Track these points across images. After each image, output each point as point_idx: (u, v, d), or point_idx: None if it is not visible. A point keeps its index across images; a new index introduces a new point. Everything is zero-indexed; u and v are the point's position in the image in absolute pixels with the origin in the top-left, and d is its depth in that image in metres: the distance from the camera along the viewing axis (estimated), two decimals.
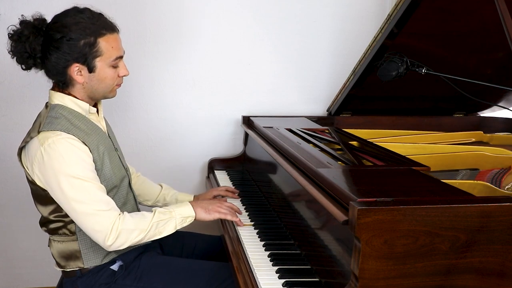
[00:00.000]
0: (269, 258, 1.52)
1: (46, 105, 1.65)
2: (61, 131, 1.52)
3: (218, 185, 2.30)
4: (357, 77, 2.28)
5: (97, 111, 1.70)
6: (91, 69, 1.57)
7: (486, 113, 2.66)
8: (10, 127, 2.51)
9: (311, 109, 2.77)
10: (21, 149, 1.61)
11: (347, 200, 1.15)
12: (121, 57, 1.62)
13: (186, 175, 2.71)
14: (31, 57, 1.54)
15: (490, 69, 2.36)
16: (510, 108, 2.37)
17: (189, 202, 1.71)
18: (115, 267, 1.67)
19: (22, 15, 1.56)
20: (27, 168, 1.58)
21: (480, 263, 1.14)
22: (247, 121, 2.57)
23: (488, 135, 2.32)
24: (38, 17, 1.56)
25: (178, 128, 2.68)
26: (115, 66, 1.61)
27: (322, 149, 1.76)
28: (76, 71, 1.56)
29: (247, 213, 1.88)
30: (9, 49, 1.56)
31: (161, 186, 2.07)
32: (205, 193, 2.15)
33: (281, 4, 2.64)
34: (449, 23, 2.06)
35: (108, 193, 1.60)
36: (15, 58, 1.57)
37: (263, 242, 1.63)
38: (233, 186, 2.28)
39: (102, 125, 1.71)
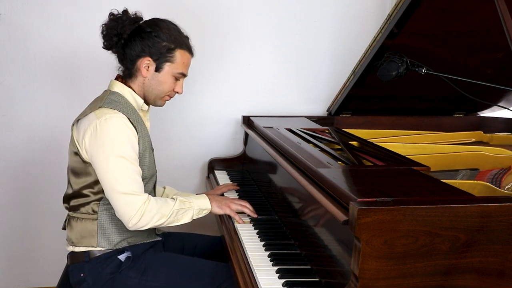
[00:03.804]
0: (269, 258, 1.52)
1: (105, 91, 1.78)
2: (118, 111, 1.66)
3: (218, 185, 2.30)
4: (357, 77, 2.28)
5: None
6: (158, 69, 1.74)
7: (486, 113, 2.66)
8: (10, 127, 2.51)
9: (311, 109, 2.77)
10: (76, 121, 1.72)
11: (347, 200, 1.15)
12: (184, 75, 1.81)
13: (186, 175, 2.71)
14: (117, 36, 1.71)
15: (490, 69, 2.36)
16: (510, 108, 2.37)
17: (207, 195, 1.81)
18: (122, 257, 1.71)
19: (125, 6, 1.75)
20: (77, 139, 1.68)
21: (480, 263, 1.14)
22: (247, 121, 2.57)
23: (488, 135, 2.32)
24: (137, 13, 1.75)
25: (178, 128, 2.68)
26: (176, 79, 1.79)
27: (322, 149, 1.76)
28: (146, 64, 1.73)
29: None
30: (103, 26, 1.72)
31: (164, 188, 2.12)
32: (208, 192, 2.19)
33: (281, 4, 2.64)
34: (449, 23, 2.06)
35: None
36: (102, 35, 1.73)
37: (263, 242, 1.64)
38: None
39: (147, 125, 1.83)
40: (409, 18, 1.96)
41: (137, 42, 1.71)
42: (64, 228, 1.80)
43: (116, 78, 1.80)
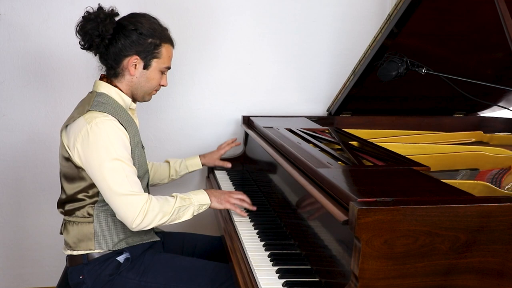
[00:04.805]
0: (269, 258, 1.52)
1: (91, 92, 1.76)
2: (107, 113, 1.64)
3: (218, 185, 2.30)
4: (357, 77, 2.28)
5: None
6: (146, 66, 1.73)
7: (486, 113, 2.66)
8: (10, 127, 2.52)
9: (311, 109, 2.77)
10: (65, 126, 1.70)
11: (347, 200, 1.15)
12: (169, 68, 1.80)
13: (186, 175, 2.71)
14: (100, 37, 1.65)
15: (490, 69, 2.36)
16: (510, 108, 2.37)
17: (205, 190, 1.81)
18: (121, 258, 1.71)
19: (99, 3, 1.69)
20: (67, 145, 1.66)
21: (480, 263, 1.14)
22: (247, 121, 2.57)
23: (488, 135, 2.32)
24: (113, 8, 1.70)
25: (178, 128, 2.68)
26: (162, 73, 1.79)
27: (322, 149, 1.76)
28: (133, 63, 1.71)
29: (247, 213, 1.88)
30: (78, 27, 1.66)
31: (168, 162, 2.19)
32: (212, 152, 2.32)
33: (281, 4, 2.64)
34: (449, 23, 2.06)
35: None
36: (80, 36, 1.67)
37: (263, 242, 1.64)
38: (233, 186, 2.28)
39: (137, 123, 1.81)
40: (409, 18, 1.96)
41: (122, 41, 1.68)
42: (61, 233, 1.80)
43: (101, 78, 1.76)
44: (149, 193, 1.87)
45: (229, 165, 2.30)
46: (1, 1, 2.40)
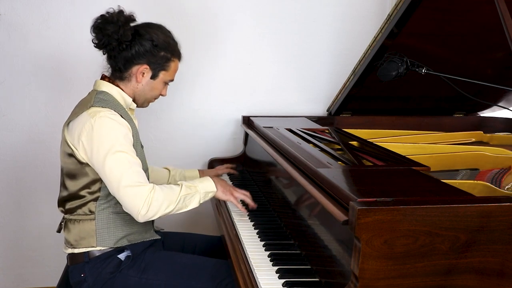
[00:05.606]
0: (269, 258, 1.52)
1: (92, 91, 1.77)
2: (110, 108, 1.67)
3: None
4: (357, 77, 2.28)
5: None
6: (154, 76, 1.78)
7: (486, 113, 2.66)
8: (10, 127, 2.52)
9: (311, 109, 2.77)
10: (67, 123, 1.71)
11: (347, 200, 1.15)
12: (172, 81, 1.86)
13: None
14: (118, 41, 1.68)
15: (490, 69, 2.36)
16: (510, 108, 2.37)
17: (211, 177, 1.81)
18: (122, 256, 1.71)
19: (119, 5, 1.72)
20: (70, 142, 1.66)
21: (480, 263, 1.14)
22: (247, 121, 2.57)
23: (488, 135, 2.32)
24: (132, 14, 1.72)
25: (178, 128, 2.68)
26: (165, 84, 1.84)
27: (322, 149, 1.76)
28: (142, 71, 1.75)
29: (247, 213, 1.89)
30: (96, 26, 1.68)
31: (168, 170, 2.18)
32: (210, 170, 2.31)
33: (281, 4, 2.64)
34: (449, 23, 2.06)
35: None
36: (95, 35, 1.69)
37: (263, 242, 1.64)
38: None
39: (136, 123, 1.82)
40: (409, 18, 1.96)
41: (136, 48, 1.71)
42: (59, 231, 1.79)
43: (102, 78, 1.78)
44: None
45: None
46: (1, 1, 2.39)
